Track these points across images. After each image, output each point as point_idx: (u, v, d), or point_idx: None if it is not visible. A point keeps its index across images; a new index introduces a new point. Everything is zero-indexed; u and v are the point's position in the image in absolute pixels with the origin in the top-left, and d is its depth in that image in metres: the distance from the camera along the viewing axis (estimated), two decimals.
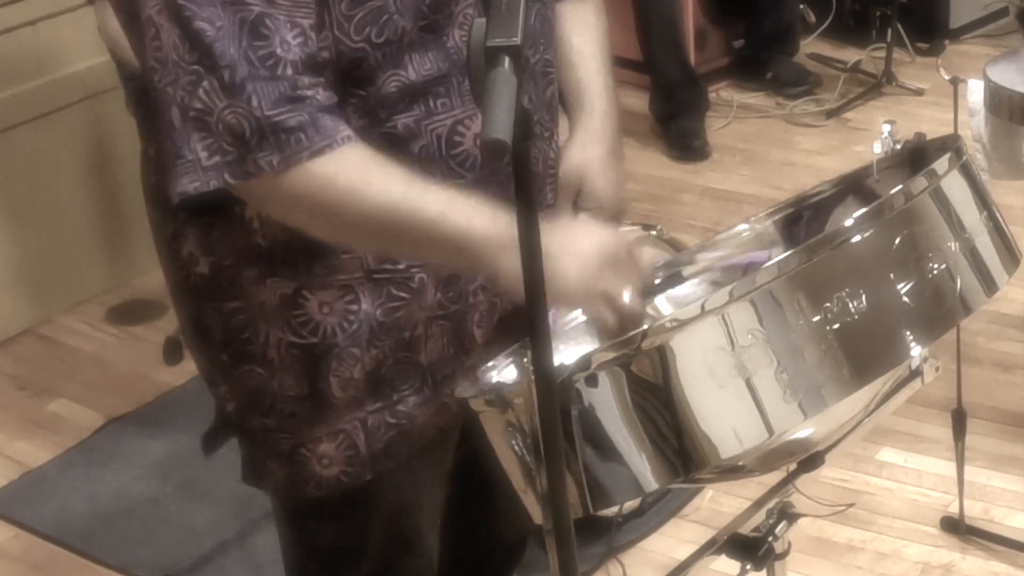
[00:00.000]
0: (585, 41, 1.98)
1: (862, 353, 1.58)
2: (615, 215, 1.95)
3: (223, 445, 1.99)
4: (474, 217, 1.68)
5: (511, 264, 1.60)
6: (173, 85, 1.65)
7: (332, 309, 1.81)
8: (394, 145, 1.74)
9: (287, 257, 1.78)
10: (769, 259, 1.67)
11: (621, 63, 5.20)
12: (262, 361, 1.85)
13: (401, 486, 1.95)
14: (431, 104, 1.75)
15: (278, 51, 1.62)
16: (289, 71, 1.62)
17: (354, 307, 1.81)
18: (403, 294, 1.81)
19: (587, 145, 1.95)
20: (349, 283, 1.80)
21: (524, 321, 1.47)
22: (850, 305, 1.56)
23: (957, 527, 2.98)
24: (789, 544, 1.96)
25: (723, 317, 1.53)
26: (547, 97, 1.90)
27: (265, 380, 1.86)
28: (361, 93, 1.71)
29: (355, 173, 1.66)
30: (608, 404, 1.56)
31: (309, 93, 1.63)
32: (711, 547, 1.90)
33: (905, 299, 1.59)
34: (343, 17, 1.67)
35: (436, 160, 1.77)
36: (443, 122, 1.76)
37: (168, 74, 1.65)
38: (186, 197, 1.66)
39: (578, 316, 1.91)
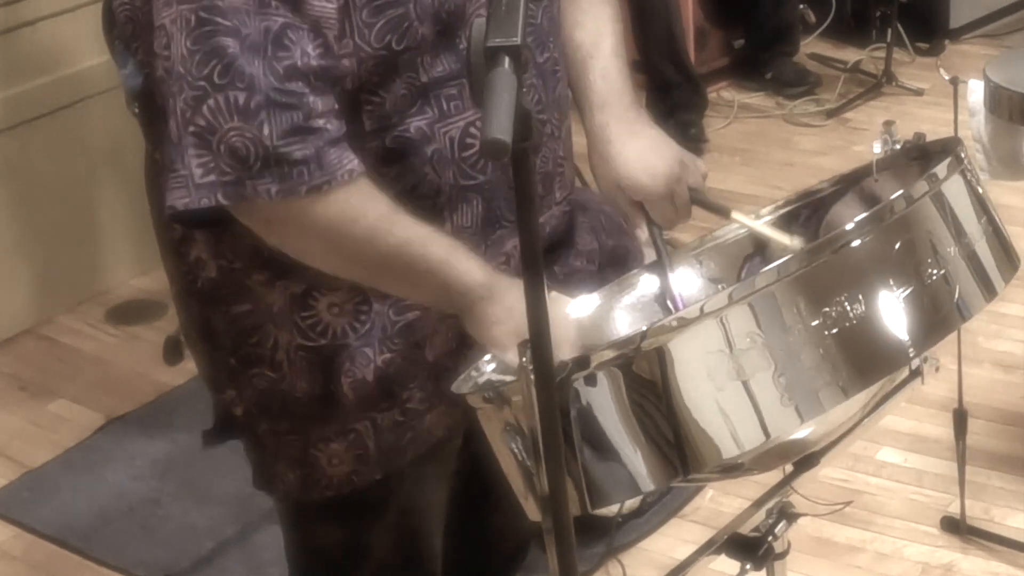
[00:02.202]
0: (584, 32, 1.96)
1: (860, 358, 1.57)
2: (670, 183, 1.93)
3: (224, 442, 1.98)
4: (472, 266, 1.71)
5: (493, 314, 1.70)
6: (175, 97, 1.64)
7: (342, 310, 1.81)
8: (407, 149, 1.74)
9: (297, 260, 1.76)
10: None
11: None
12: (271, 364, 1.84)
13: (408, 487, 1.95)
14: (444, 106, 1.75)
15: (299, 63, 1.61)
16: (307, 89, 1.62)
17: (365, 307, 1.81)
18: None
19: (597, 150, 1.94)
20: (358, 284, 1.79)
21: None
22: (849, 310, 1.56)
23: (957, 527, 2.98)
24: (789, 544, 1.96)
25: (722, 320, 1.53)
26: (556, 96, 1.89)
27: (274, 383, 1.85)
28: (376, 99, 1.71)
29: (349, 211, 1.67)
30: (606, 404, 1.56)
31: (320, 123, 1.63)
32: (711, 547, 1.90)
33: (904, 304, 1.59)
34: (364, 25, 1.66)
35: (448, 163, 1.77)
36: (456, 124, 1.76)
37: (173, 85, 1.64)
38: (175, 212, 1.66)
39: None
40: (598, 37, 1.96)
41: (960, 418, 2.87)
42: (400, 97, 1.72)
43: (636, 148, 1.93)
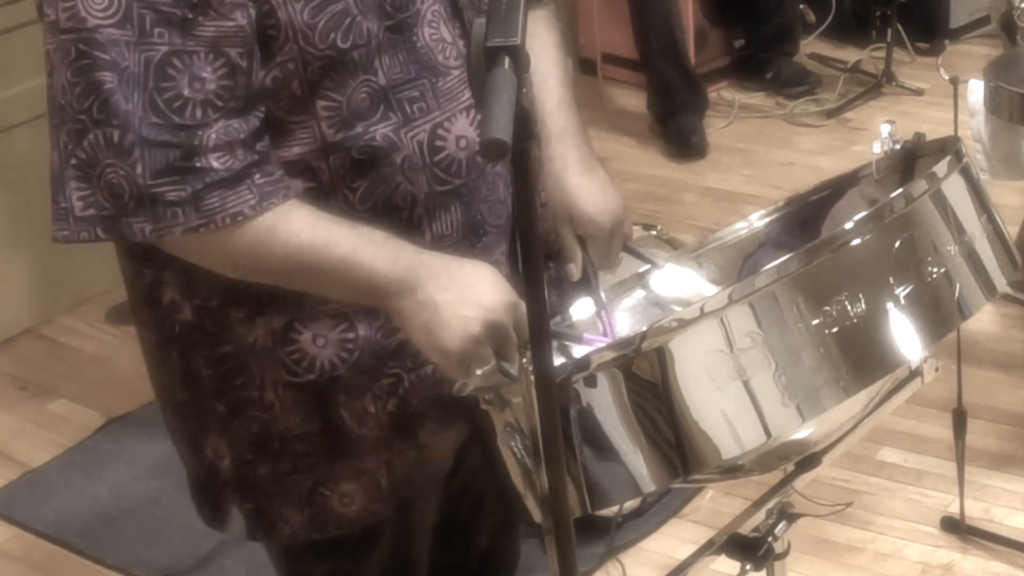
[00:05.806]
0: (536, 58, 1.95)
1: (861, 357, 1.58)
2: (616, 223, 1.93)
3: (229, 510, 1.92)
4: (376, 261, 1.67)
5: (406, 309, 1.67)
6: (58, 128, 1.62)
7: (327, 340, 1.76)
8: (376, 158, 1.70)
9: (274, 291, 1.73)
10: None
11: (619, 63, 5.24)
12: (260, 405, 1.80)
13: (402, 516, 1.92)
14: (407, 110, 1.71)
15: (185, 92, 1.58)
16: (203, 117, 1.59)
17: (351, 335, 1.76)
18: None
19: (555, 176, 1.92)
20: (342, 310, 1.75)
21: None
22: (849, 309, 1.56)
23: (957, 527, 2.98)
24: (789, 544, 1.96)
25: (722, 320, 1.53)
26: None
27: (268, 424, 1.80)
28: (334, 104, 1.68)
29: (227, 246, 1.64)
30: (607, 405, 1.56)
31: (204, 162, 1.59)
32: (711, 547, 1.90)
33: (904, 303, 1.59)
34: (306, 27, 1.63)
35: (420, 169, 1.73)
36: (422, 128, 1.73)
37: (55, 115, 1.62)
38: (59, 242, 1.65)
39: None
40: (551, 68, 1.95)
41: (959, 418, 2.87)
42: (359, 101, 1.68)
43: (591, 184, 1.93)
